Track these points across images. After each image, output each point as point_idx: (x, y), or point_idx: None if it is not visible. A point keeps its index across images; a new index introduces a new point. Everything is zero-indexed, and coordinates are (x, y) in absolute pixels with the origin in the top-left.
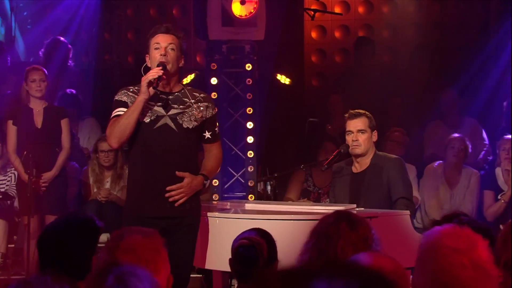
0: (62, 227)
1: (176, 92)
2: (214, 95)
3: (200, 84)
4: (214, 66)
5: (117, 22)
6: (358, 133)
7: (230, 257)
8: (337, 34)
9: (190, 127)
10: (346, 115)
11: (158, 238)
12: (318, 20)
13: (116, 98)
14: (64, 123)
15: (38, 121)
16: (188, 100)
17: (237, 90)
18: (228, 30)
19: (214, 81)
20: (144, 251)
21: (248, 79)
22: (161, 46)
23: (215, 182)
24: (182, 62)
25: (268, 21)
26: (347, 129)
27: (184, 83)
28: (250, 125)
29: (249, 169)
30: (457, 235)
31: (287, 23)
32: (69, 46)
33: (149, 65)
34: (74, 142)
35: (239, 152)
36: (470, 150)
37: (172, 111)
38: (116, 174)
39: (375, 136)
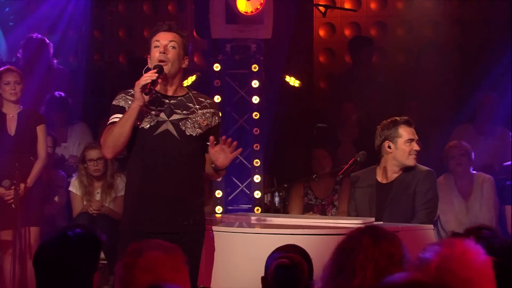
0: (60, 242)
1: (179, 96)
2: (217, 98)
3: (202, 86)
4: (217, 67)
5: (108, 19)
6: (417, 142)
7: (263, 275)
8: (347, 32)
9: (194, 134)
10: (398, 118)
11: (180, 256)
12: (327, 17)
13: (114, 103)
14: (40, 130)
15: (11, 127)
16: (192, 106)
17: (242, 93)
18: (232, 27)
19: (217, 83)
20: (165, 269)
21: (254, 81)
22: (161, 43)
23: (218, 193)
24: (186, 63)
25: (275, 18)
26: (407, 137)
27: (184, 85)
28: (256, 131)
29: (255, 179)
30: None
31: (296, 20)
32: (47, 41)
33: (150, 67)
34: (55, 148)
35: (244, 161)
36: (472, 153)
37: (174, 117)
38: (106, 184)
39: None
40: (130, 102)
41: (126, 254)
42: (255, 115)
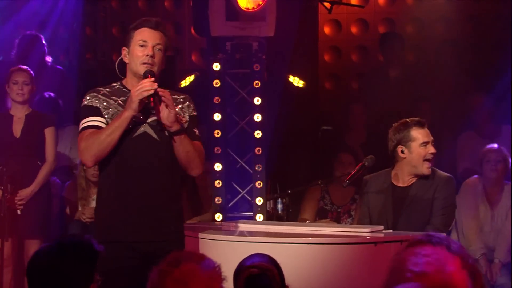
0: (55, 252)
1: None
2: (217, 99)
3: (201, 87)
4: (217, 66)
5: (100, 15)
6: (432, 144)
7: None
8: (353, 29)
9: None
10: (409, 120)
11: (219, 275)
12: (332, 13)
13: (85, 103)
14: (49, 133)
15: (17, 130)
16: None
17: (243, 94)
18: (233, 25)
19: (217, 83)
20: (198, 284)
21: (256, 82)
22: (148, 44)
23: (218, 200)
24: (164, 63)
25: (278, 14)
26: (422, 140)
27: (183, 86)
28: (258, 134)
29: (257, 185)
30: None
31: (300, 16)
32: (41, 37)
33: (125, 61)
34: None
35: (245, 166)
36: (511, 161)
37: (152, 118)
38: None
39: None
40: (104, 102)
41: (165, 262)
42: (257, 117)
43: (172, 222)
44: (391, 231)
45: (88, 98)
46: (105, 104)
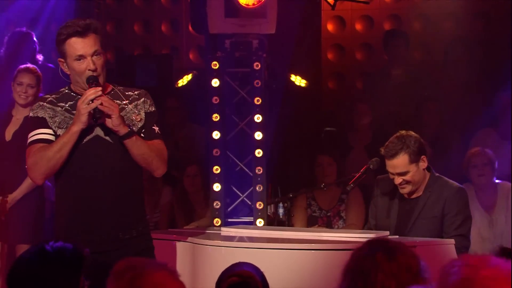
0: (37, 258)
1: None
2: (215, 99)
3: (199, 86)
4: (215, 65)
5: (94, 12)
6: (400, 176)
7: None
8: (358, 26)
9: None
10: (382, 149)
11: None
12: (336, 9)
13: (31, 114)
14: None
15: (10, 132)
16: (120, 102)
17: (243, 93)
18: (232, 22)
19: (215, 83)
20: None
21: (257, 81)
22: (86, 56)
23: (217, 204)
24: (105, 64)
25: (280, 11)
26: (387, 168)
27: (180, 85)
28: (258, 135)
29: (257, 188)
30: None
31: (302, 13)
32: (32, 34)
33: (66, 72)
34: None
35: (245, 168)
36: (496, 162)
37: (103, 120)
38: None
39: (424, 162)
40: (50, 111)
41: (117, 278)
42: (257, 118)
43: (133, 227)
44: (397, 236)
45: (33, 109)
46: (51, 113)
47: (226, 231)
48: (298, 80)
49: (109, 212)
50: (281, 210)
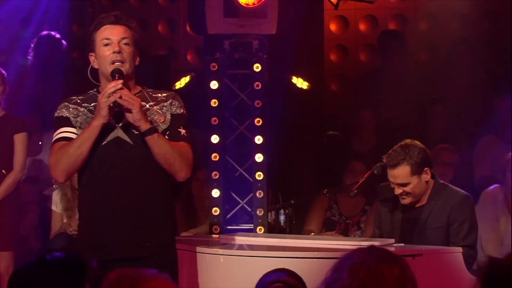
0: (37, 268)
1: None
2: (214, 102)
3: (197, 89)
4: (214, 66)
5: (88, 11)
6: (400, 186)
7: None
8: (362, 26)
9: None
10: (384, 158)
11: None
12: (339, 9)
13: (56, 114)
14: (19, 139)
15: None
16: (145, 104)
17: (243, 96)
18: (231, 22)
19: (214, 85)
20: None
21: (257, 83)
22: (113, 41)
23: (215, 211)
24: (138, 59)
25: (281, 10)
26: (388, 177)
27: (177, 87)
28: (259, 139)
29: (257, 194)
30: None
31: (304, 13)
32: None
33: (95, 66)
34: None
35: (245, 174)
36: None
37: (124, 120)
38: None
39: (427, 175)
40: (74, 111)
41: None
42: (258, 121)
43: (153, 235)
44: (402, 244)
45: (58, 108)
46: (74, 113)
47: (225, 238)
48: (300, 82)
49: (128, 217)
50: (282, 217)
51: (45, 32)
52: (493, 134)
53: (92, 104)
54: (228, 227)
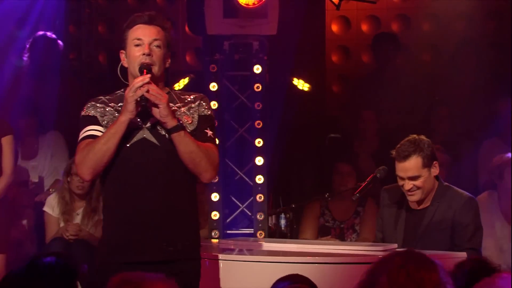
0: (28, 273)
1: None
2: (213, 104)
3: (196, 90)
4: (213, 68)
5: (85, 12)
6: (411, 180)
7: None
8: (364, 27)
9: None
10: (393, 152)
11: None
12: (341, 9)
13: (83, 113)
14: (6, 142)
15: None
16: (173, 105)
17: (243, 98)
18: (231, 22)
19: (213, 87)
20: None
21: (257, 85)
22: (144, 42)
23: (215, 215)
24: (169, 61)
25: (281, 11)
26: (396, 172)
27: (176, 89)
28: (259, 142)
29: (258, 198)
30: None
31: (305, 13)
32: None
33: (125, 65)
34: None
35: (245, 177)
36: None
37: (151, 121)
38: (90, 207)
39: (435, 169)
40: (101, 110)
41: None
42: (258, 123)
43: (178, 239)
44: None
45: (86, 107)
46: (101, 112)
47: (225, 243)
48: (301, 84)
49: (152, 220)
50: (283, 221)
51: (40, 33)
52: (498, 137)
53: (119, 104)
54: (228, 232)
